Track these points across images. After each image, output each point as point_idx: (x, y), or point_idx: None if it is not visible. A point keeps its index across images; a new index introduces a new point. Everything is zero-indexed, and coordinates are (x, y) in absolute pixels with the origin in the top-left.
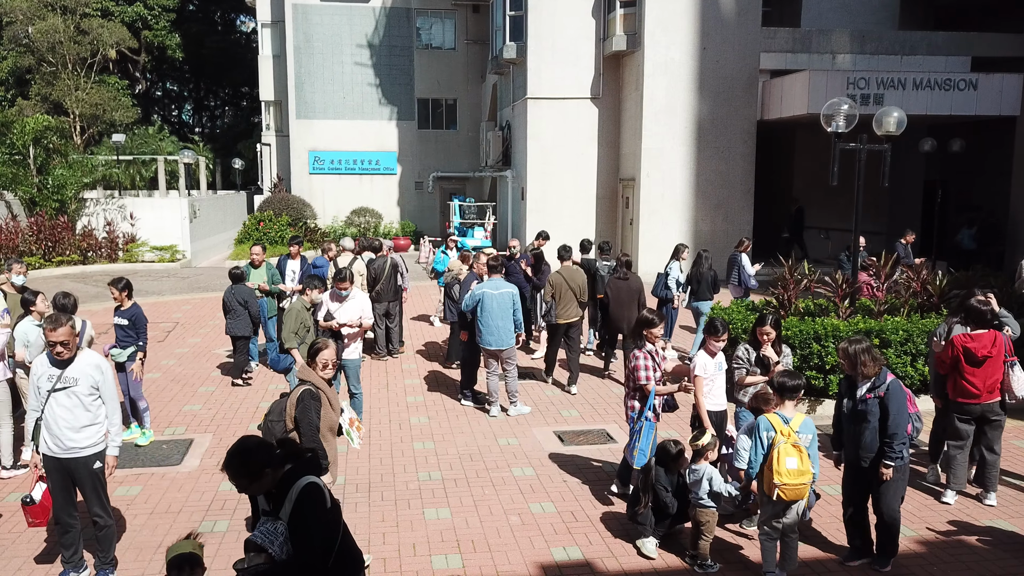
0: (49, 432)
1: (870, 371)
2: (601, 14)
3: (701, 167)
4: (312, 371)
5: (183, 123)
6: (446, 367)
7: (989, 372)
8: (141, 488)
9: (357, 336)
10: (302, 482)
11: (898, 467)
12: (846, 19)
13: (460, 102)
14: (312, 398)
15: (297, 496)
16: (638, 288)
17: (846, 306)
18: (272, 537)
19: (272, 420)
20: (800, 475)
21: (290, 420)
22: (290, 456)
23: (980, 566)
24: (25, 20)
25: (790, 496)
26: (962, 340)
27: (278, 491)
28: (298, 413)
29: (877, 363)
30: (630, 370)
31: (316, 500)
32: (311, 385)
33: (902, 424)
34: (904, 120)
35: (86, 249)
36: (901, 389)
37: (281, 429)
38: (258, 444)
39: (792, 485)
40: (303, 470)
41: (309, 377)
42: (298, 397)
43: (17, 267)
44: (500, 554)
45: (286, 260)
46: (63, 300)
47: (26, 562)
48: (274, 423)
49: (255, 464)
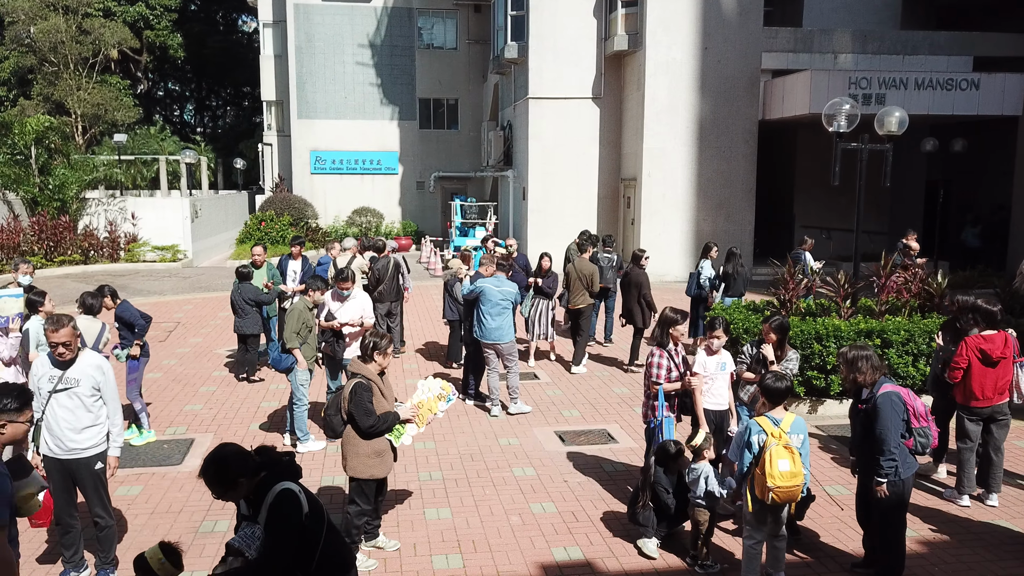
0: (50, 433)
1: (867, 379)
2: (602, 14)
3: (703, 167)
4: (364, 364)
5: (184, 123)
6: (446, 367)
7: (1002, 373)
8: (142, 488)
9: (358, 335)
10: (276, 488)
11: (893, 482)
12: (848, 19)
13: (461, 102)
14: (364, 389)
15: (270, 503)
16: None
17: (848, 306)
18: (250, 541)
19: (330, 415)
20: (792, 477)
21: (345, 413)
22: (266, 464)
23: (982, 567)
24: (27, 20)
25: (783, 498)
26: (976, 342)
27: (255, 497)
28: (352, 406)
29: (876, 372)
30: (646, 367)
31: (287, 507)
32: (362, 377)
33: (888, 440)
34: (906, 120)
35: (88, 249)
36: (890, 405)
37: (339, 422)
38: (235, 453)
39: (785, 488)
40: (279, 476)
41: (361, 370)
42: (351, 390)
43: (24, 267)
44: (501, 554)
45: (287, 260)
46: (91, 300)
47: (27, 561)
48: (332, 417)
49: (230, 473)
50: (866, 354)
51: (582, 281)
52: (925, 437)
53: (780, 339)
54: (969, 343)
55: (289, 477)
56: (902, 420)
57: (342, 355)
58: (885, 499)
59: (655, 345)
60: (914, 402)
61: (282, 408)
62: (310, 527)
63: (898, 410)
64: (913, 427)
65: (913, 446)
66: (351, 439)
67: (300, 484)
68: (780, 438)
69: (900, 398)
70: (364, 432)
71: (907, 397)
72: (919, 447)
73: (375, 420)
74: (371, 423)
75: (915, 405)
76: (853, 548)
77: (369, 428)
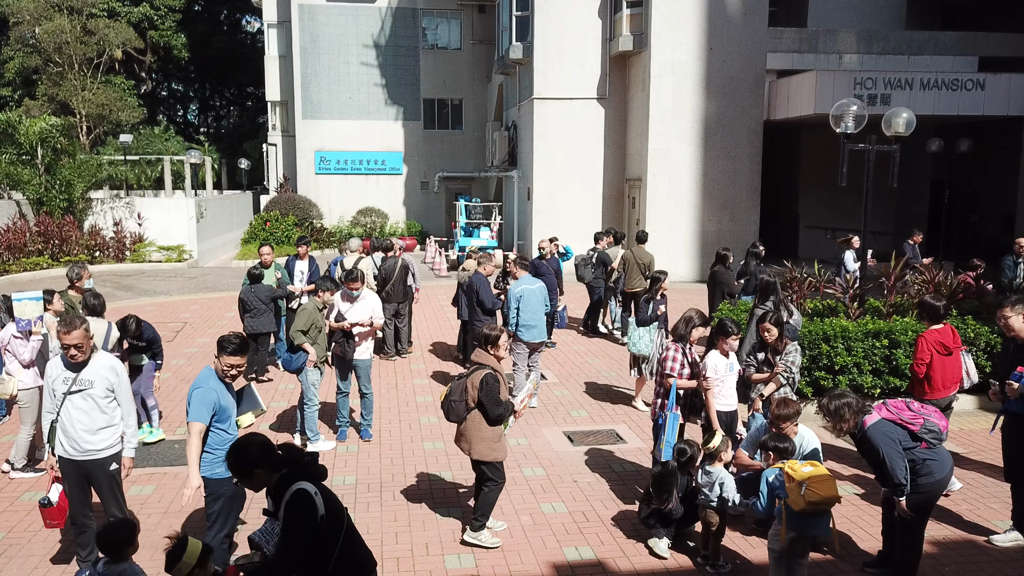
0: (65, 435)
1: (851, 426)
2: (607, 14)
3: (707, 167)
4: (487, 355)
5: (189, 123)
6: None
7: (956, 363)
8: (155, 487)
9: (368, 335)
10: (292, 488)
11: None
12: (853, 19)
13: (466, 102)
14: (495, 380)
15: (285, 502)
16: None
17: (855, 307)
18: (269, 537)
19: (454, 400)
20: (820, 469)
21: (472, 399)
22: (287, 461)
23: (991, 566)
24: (32, 21)
25: (821, 492)
26: (934, 336)
27: (276, 494)
28: (483, 395)
29: (859, 414)
30: (659, 361)
31: (300, 508)
32: (491, 368)
33: (893, 466)
34: (914, 121)
35: (93, 249)
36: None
37: (464, 409)
38: (258, 444)
39: (818, 477)
40: (298, 476)
41: (486, 361)
42: (482, 379)
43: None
44: (512, 554)
45: (294, 260)
46: (93, 300)
47: (42, 561)
48: (456, 403)
49: (245, 462)
50: (846, 401)
51: (639, 267)
52: (931, 431)
53: (779, 333)
54: (928, 338)
55: (309, 478)
56: (897, 440)
57: (352, 355)
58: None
59: (673, 339)
60: (899, 413)
61: (292, 408)
62: (326, 528)
63: (891, 432)
64: (914, 432)
65: (928, 445)
66: (477, 425)
67: (321, 485)
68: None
69: (886, 423)
70: (492, 419)
71: (889, 415)
72: (933, 443)
73: (503, 409)
74: (500, 412)
75: (901, 416)
76: (865, 547)
77: (497, 416)
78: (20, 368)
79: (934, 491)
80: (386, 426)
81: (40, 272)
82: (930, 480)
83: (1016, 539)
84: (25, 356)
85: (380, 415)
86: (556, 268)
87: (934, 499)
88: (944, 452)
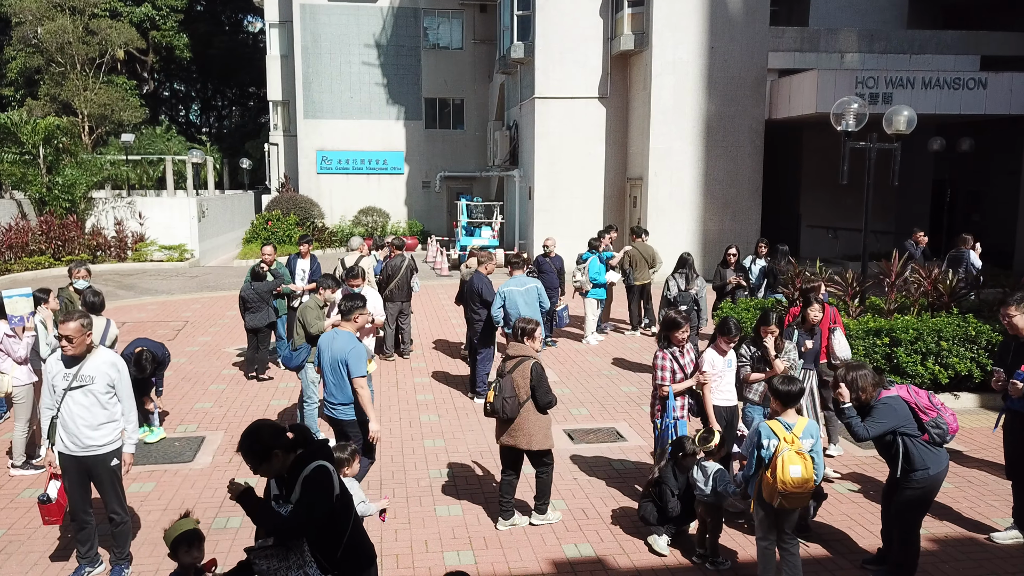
0: (66, 431)
1: (869, 396)
2: (609, 13)
3: (709, 166)
4: (525, 346)
5: (190, 123)
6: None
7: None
8: (155, 485)
9: (369, 332)
10: (312, 465)
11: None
12: (854, 18)
13: (467, 102)
14: (542, 368)
15: (304, 477)
16: None
17: (856, 305)
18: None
19: (507, 397)
20: (804, 483)
21: (524, 392)
22: (302, 443)
23: (991, 564)
24: (34, 21)
25: (792, 505)
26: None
27: (289, 476)
28: (535, 381)
29: (877, 387)
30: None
31: (322, 481)
32: (535, 359)
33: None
34: (915, 119)
35: (95, 248)
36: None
37: (515, 404)
38: (269, 426)
39: (795, 494)
40: (314, 456)
41: (528, 352)
42: (531, 368)
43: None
44: (512, 551)
45: (296, 259)
46: (92, 298)
47: (41, 558)
48: (509, 399)
49: (263, 443)
50: (862, 372)
51: (645, 260)
52: (939, 427)
53: (780, 332)
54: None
55: (324, 457)
56: (901, 416)
57: None
58: (907, 495)
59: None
60: (917, 398)
61: (292, 406)
62: (339, 511)
63: (900, 408)
64: (924, 421)
65: (930, 439)
66: (533, 417)
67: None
68: (792, 443)
69: (899, 399)
70: (543, 407)
71: (908, 396)
72: (936, 438)
73: (553, 397)
74: (551, 399)
75: (919, 400)
76: (865, 545)
77: (548, 404)
78: (14, 365)
79: (929, 486)
80: (386, 424)
81: (42, 271)
82: (925, 475)
83: (1016, 537)
84: (20, 352)
85: (380, 413)
86: (559, 267)
87: (931, 495)
88: (937, 456)
